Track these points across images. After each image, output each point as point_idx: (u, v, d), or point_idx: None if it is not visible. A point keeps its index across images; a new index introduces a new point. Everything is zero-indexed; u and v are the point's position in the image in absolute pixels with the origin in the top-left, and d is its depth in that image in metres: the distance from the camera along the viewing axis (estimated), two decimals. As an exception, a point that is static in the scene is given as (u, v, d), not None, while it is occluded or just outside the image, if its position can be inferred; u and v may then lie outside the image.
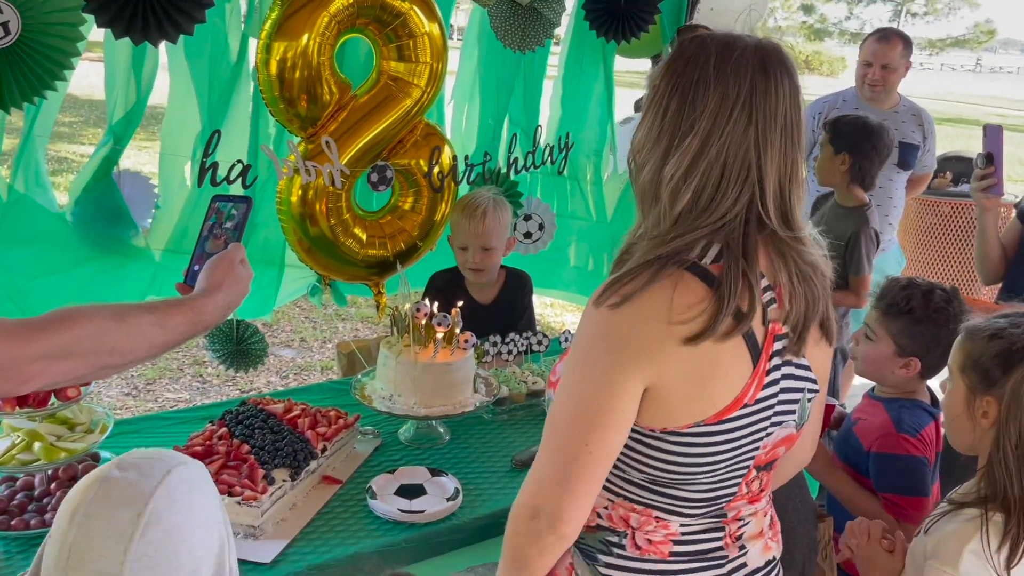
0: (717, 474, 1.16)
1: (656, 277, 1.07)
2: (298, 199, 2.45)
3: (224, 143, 2.36)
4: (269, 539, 1.62)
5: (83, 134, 9.13)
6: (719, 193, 1.10)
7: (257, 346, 2.70)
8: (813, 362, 1.21)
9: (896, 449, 1.76)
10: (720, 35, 1.12)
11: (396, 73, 2.49)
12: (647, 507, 1.19)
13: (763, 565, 1.27)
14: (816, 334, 1.18)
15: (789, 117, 1.11)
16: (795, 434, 1.24)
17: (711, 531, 1.21)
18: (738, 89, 1.08)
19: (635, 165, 1.17)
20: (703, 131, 1.09)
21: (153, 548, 0.84)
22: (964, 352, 1.38)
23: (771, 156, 1.10)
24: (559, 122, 3.08)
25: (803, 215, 1.16)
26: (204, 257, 1.34)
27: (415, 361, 1.97)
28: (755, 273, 1.09)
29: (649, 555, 1.19)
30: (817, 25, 30.53)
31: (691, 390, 1.10)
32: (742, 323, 1.08)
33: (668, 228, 1.12)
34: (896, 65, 3.34)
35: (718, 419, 1.11)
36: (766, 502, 1.30)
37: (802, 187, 1.15)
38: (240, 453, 1.75)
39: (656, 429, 1.12)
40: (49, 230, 2.20)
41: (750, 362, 1.11)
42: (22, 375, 1.00)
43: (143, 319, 1.11)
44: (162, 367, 4.39)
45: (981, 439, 1.35)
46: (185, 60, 2.32)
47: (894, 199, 3.42)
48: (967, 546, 1.27)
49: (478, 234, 2.38)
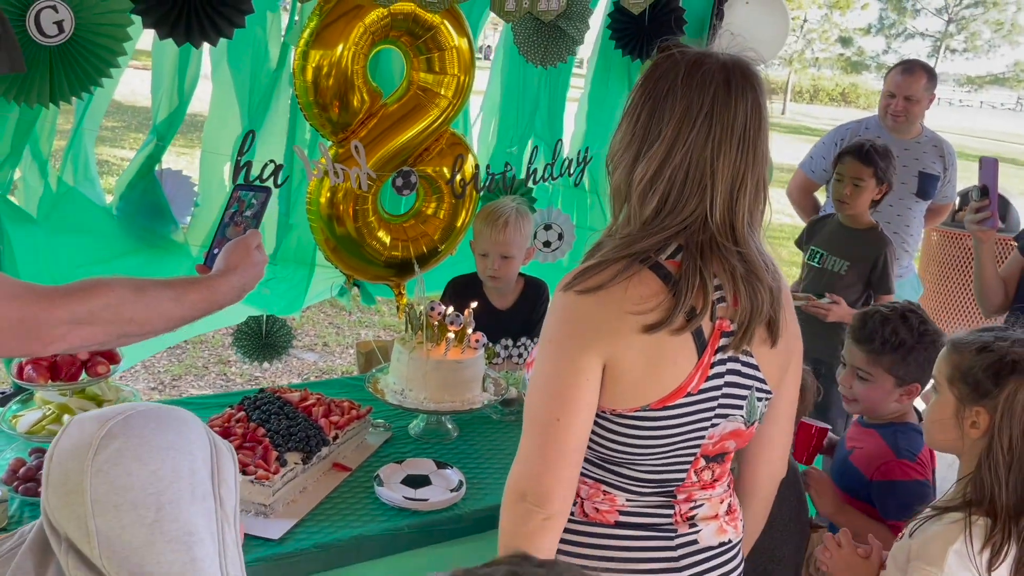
0: (661, 458, 1.24)
1: (622, 273, 1.16)
2: (327, 200, 2.56)
3: (262, 145, 2.47)
4: (279, 518, 1.69)
5: (124, 138, 9.40)
6: (683, 197, 1.18)
7: (283, 338, 2.80)
8: (762, 364, 1.27)
9: (898, 476, 1.78)
10: (692, 52, 1.20)
11: (425, 83, 2.59)
12: (596, 481, 1.28)
13: (716, 545, 1.31)
14: (762, 334, 1.25)
15: (748, 131, 1.18)
16: (743, 430, 1.29)
17: (659, 507, 1.28)
18: (701, 101, 1.16)
19: (611, 167, 1.26)
20: (668, 139, 1.17)
21: (110, 463, 0.88)
22: (952, 364, 1.43)
23: (723, 165, 1.17)
24: (583, 137, 3.15)
25: (751, 229, 1.22)
26: (224, 242, 1.42)
27: (427, 358, 2.04)
28: (709, 273, 1.18)
29: (596, 521, 1.27)
30: (855, 58, 30.43)
31: (641, 374, 1.18)
32: (693, 321, 1.17)
33: (637, 228, 1.21)
34: (919, 97, 3.36)
35: (662, 404, 1.19)
36: (723, 490, 1.34)
37: (755, 200, 1.21)
38: (256, 435, 1.83)
39: (606, 410, 1.21)
40: (95, 222, 2.31)
41: (695, 353, 1.19)
42: (48, 336, 1.07)
43: (162, 294, 1.19)
44: (188, 364, 4.51)
45: (967, 447, 1.40)
46: (227, 66, 2.44)
47: (911, 227, 3.43)
48: (951, 547, 1.32)
49: (498, 243, 2.45)
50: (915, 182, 3.37)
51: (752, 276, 1.20)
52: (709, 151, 1.16)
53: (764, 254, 1.24)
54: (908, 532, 1.44)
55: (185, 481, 0.92)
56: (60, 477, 0.89)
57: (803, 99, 29.17)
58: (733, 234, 1.20)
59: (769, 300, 1.22)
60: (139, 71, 5.33)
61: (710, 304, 1.18)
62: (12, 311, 1.04)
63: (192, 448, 0.94)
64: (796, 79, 30.11)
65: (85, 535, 0.87)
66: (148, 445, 0.90)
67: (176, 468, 0.91)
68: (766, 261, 1.24)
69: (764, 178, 1.22)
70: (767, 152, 1.22)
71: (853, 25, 30.05)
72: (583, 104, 3.17)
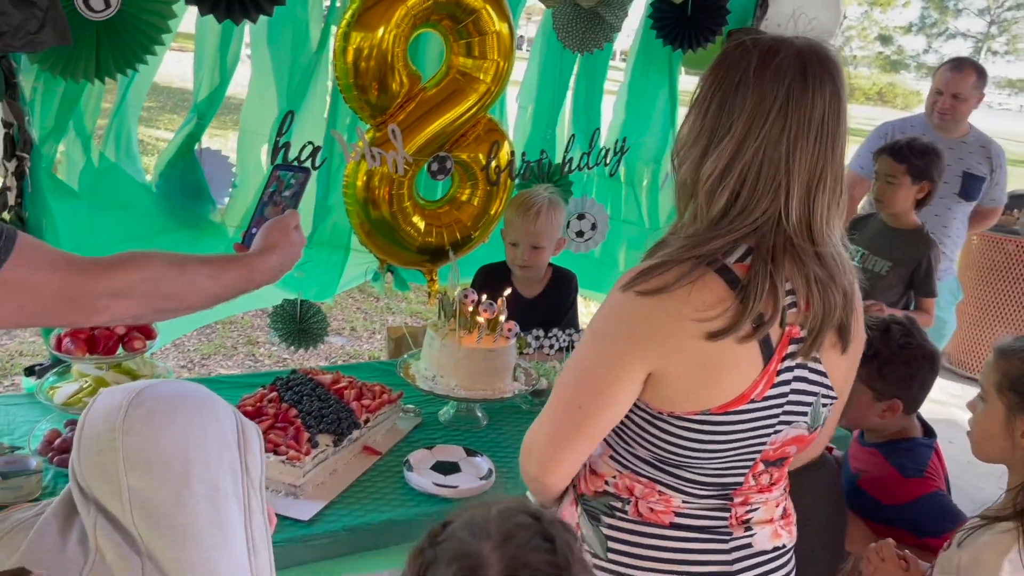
0: (720, 462, 1.20)
1: (686, 276, 1.10)
2: (363, 183, 2.55)
3: (300, 127, 2.46)
4: (309, 499, 1.70)
5: (160, 119, 9.52)
6: (755, 196, 1.12)
7: (318, 325, 2.80)
8: (830, 369, 1.21)
9: (911, 496, 1.75)
10: (767, 39, 1.13)
11: (464, 68, 2.57)
12: (652, 481, 1.23)
13: (771, 550, 1.28)
14: (832, 339, 1.19)
15: (826, 123, 1.11)
16: (807, 435, 1.25)
17: (715, 510, 1.24)
18: (775, 94, 1.10)
19: (677, 161, 1.21)
20: (739, 133, 1.11)
21: (141, 422, 0.91)
22: (1000, 372, 1.39)
23: (800, 162, 1.11)
24: (621, 127, 3.12)
25: (829, 227, 1.16)
26: (262, 221, 1.40)
27: (459, 345, 2.03)
28: (780, 277, 1.11)
29: (651, 522, 1.23)
30: (894, 57, 29.93)
31: (695, 382, 1.13)
32: (760, 329, 1.11)
33: (704, 228, 1.15)
34: (967, 95, 3.29)
35: (723, 411, 1.14)
36: (779, 493, 1.31)
37: (834, 197, 1.15)
38: (288, 416, 1.83)
39: (663, 412, 1.16)
40: (136, 199, 2.33)
41: (760, 361, 1.14)
42: (91, 308, 1.08)
43: (200, 270, 1.19)
44: (217, 344, 4.55)
45: (1019, 456, 1.38)
46: (267, 47, 2.43)
47: (949, 228, 3.35)
48: (1006, 556, 1.30)
49: (529, 233, 2.44)
50: (958, 182, 3.30)
51: (828, 279, 1.14)
52: (784, 147, 1.10)
53: (841, 254, 1.17)
54: (956, 542, 1.41)
55: (212, 441, 0.94)
56: (91, 439, 0.92)
57: (839, 98, 28.85)
58: (811, 234, 1.13)
59: (842, 304, 1.16)
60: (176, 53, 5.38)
61: (780, 311, 1.12)
62: (55, 281, 1.04)
63: (219, 416, 0.97)
64: (832, 77, 29.67)
65: (117, 494, 0.90)
66: (176, 409, 0.94)
67: (203, 430, 0.94)
68: (842, 262, 1.17)
69: (842, 172, 1.15)
70: (845, 144, 1.15)
71: (893, 23, 29.56)
72: (622, 94, 3.14)
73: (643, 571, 1.22)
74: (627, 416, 1.20)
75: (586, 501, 1.28)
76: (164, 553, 0.90)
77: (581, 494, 1.29)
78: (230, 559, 0.93)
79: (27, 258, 1.00)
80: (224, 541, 0.93)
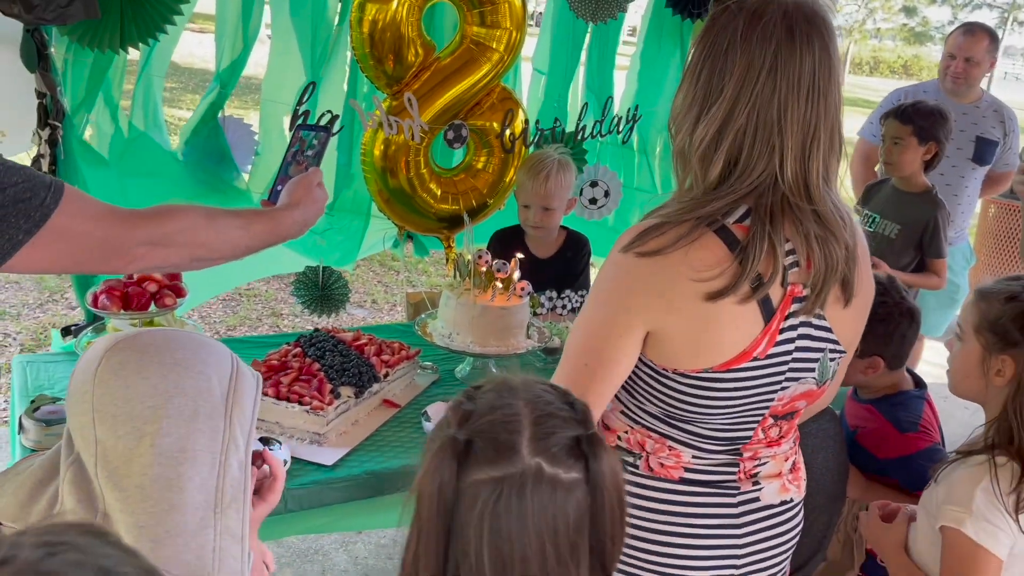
0: (728, 417, 1.22)
1: (684, 237, 1.12)
2: (380, 152, 2.62)
3: (321, 97, 2.54)
4: (332, 446, 1.79)
5: (182, 99, 9.64)
6: (752, 159, 1.13)
7: (340, 292, 2.88)
8: (835, 323, 1.22)
9: (908, 450, 1.78)
10: (752, 2, 1.13)
11: (478, 37, 2.63)
12: (662, 436, 1.26)
13: (778, 504, 1.30)
14: (836, 293, 1.19)
15: (817, 81, 1.11)
16: (815, 390, 1.26)
17: (724, 465, 1.26)
18: (763, 56, 1.10)
19: (673, 130, 1.21)
20: (730, 97, 1.12)
21: (111, 372, 0.92)
22: (979, 313, 1.43)
23: (792, 121, 1.11)
24: (634, 96, 3.17)
25: (827, 184, 1.16)
26: (287, 179, 1.48)
27: (474, 303, 2.11)
28: (779, 237, 1.12)
29: (661, 476, 1.26)
30: (919, 29, 29.34)
31: (694, 341, 1.15)
32: (759, 290, 1.12)
33: (702, 192, 1.16)
34: (980, 59, 3.29)
35: (726, 368, 1.15)
36: (788, 447, 1.33)
37: (830, 152, 1.15)
38: (311, 370, 1.92)
39: (668, 369, 1.18)
40: (163, 166, 2.43)
41: (761, 320, 1.14)
42: (130, 255, 1.15)
43: (231, 222, 1.26)
44: (242, 315, 4.67)
45: (992, 395, 1.42)
46: (289, 17, 2.51)
47: (961, 195, 3.36)
48: (979, 486, 1.34)
49: (540, 195, 2.49)
50: (971, 147, 3.31)
51: (828, 235, 1.14)
52: (776, 108, 1.10)
53: (840, 208, 1.17)
54: (935, 480, 1.46)
55: (188, 398, 0.92)
56: (74, 388, 0.93)
57: (863, 71, 28.30)
58: (807, 192, 1.13)
59: (844, 258, 1.16)
60: (196, 34, 5.46)
61: (780, 270, 1.13)
62: (98, 230, 1.12)
63: (204, 368, 0.96)
64: (856, 50, 29.21)
65: (89, 446, 0.90)
66: (151, 360, 0.93)
67: (179, 386, 0.93)
68: (842, 216, 1.17)
69: (838, 126, 1.16)
70: (840, 99, 1.15)
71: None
72: (635, 63, 3.18)
73: (653, 523, 1.25)
74: (636, 373, 1.22)
75: None
76: (116, 514, 0.89)
77: None
78: (179, 523, 0.90)
79: (74, 207, 1.08)
80: (176, 506, 0.90)
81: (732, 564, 1.28)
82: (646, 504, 1.26)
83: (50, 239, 1.06)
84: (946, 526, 1.37)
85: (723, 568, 1.28)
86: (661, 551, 1.26)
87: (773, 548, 1.32)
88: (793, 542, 1.37)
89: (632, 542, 1.26)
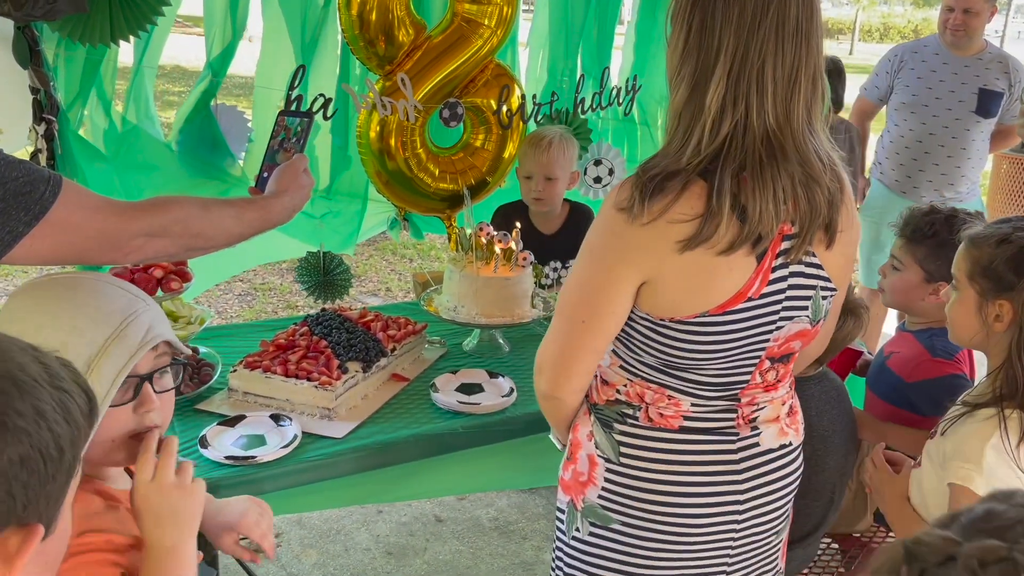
0: (725, 361, 1.23)
1: (676, 188, 1.13)
2: (376, 135, 2.63)
3: (313, 80, 2.54)
4: (342, 420, 1.80)
5: (176, 100, 9.73)
6: (736, 106, 1.13)
7: (342, 277, 2.90)
8: (826, 262, 1.24)
9: (935, 373, 1.78)
10: None
11: (468, 14, 2.63)
12: (661, 386, 1.28)
13: (777, 448, 1.32)
14: (820, 235, 1.22)
15: (800, 23, 1.12)
16: (809, 329, 1.28)
17: (723, 411, 1.28)
18: (743, 3, 1.11)
19: (671, 87, 1.21)
20: (714, 48, 1.12)
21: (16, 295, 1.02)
22: (971, 259, 1.41)
23: (773, 67, 1.12)
24: (631, 67, 3.15)
25: (811, 128, 1.17)
26: (273, 167, 1.53)
27: (477, 275, 2.12)
28: (766, 180, 1.13)
29: (660, 426, 1.28)
30: (927, -8, 28.90)
31: (689, 287, 1.17)
32: (755, 241, 1.14)
33: (691, 145, 1.15)
34: (979, 9, 3.24)
35: (721, 311, 1.18)
36: (785, 391, 1.34)
37: (813, 97, 1.16)
38: (318, 347, 1.93)
39: (664, 318, 1.20)
40: (158, 157, 2.44)
41: (754, 260, 1.17)
42: (127, 247, 1.19)
43: (224, 211, 1.32)
44: (258, 309, 4.72)
45: (994, 342, 1.39)
46: (278, 3, 2.51)
47: (970, 148, 3.32)
48: (988, 442, 1.32)
49: (542, 164, 2.49)
50: (974, 100, 3.27)
51: (810, 180, 1.16)
52: (756, 54, 1.11)
53: (822, 152, 1.19)
54: (940, 431, 1.44)
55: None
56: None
57: (872, 38, 27.89)
58: (792, 136, 1.15)
59: (827, 202, 1.18)
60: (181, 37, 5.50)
61: (772, 215, 1.14)
62: (96, 222, 1.15)
63: (76, 323, 1.01)
64: (864, 17, 28.81)
65: None
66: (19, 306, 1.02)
67: (35, 337, 0.90)
68: (824, 160, 1.18)
69: (819, 70, 1.16)
70: (821, 42, 1.16)
71: (926, -43, 28.49)
72: (629, 35, 3.17)
73: (654, 473, 1.28)
74: (631, 326, 1.24)
75: (599, 410, 1.33)
76: None
77: (594, 403, 1.34)
78: None
79: (72, 200, 1.12)
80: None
81: (734, 509, 1.30)
82: (647, 455, 1.29)
83: (50, 231, 1.10)
84: (955, 483, 1.34)
85: (726, 514, 1.30)
86: (664, 500, 1.28)
87: (774, 492, 1.33)
88: (794, 485, 1.38)
89: (635, 493, 1.29)
